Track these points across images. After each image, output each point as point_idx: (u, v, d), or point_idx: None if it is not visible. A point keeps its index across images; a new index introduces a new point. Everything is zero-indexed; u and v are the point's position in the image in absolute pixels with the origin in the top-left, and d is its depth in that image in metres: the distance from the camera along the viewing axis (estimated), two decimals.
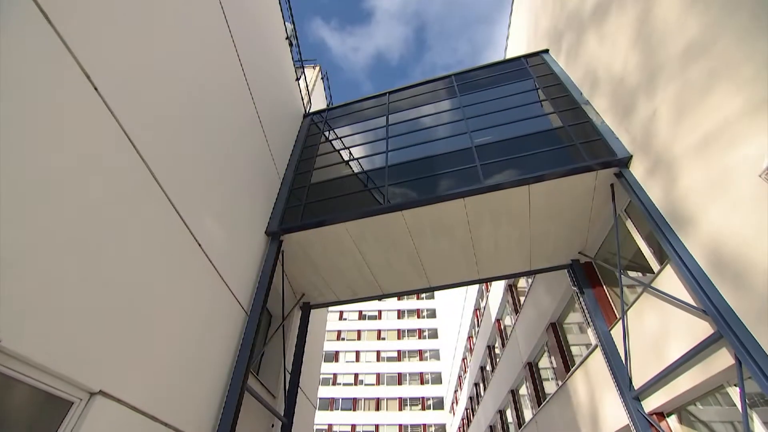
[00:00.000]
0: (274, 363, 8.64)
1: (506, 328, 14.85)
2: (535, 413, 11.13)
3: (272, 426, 8.01)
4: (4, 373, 2.81)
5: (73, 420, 3.29)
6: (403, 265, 8.42)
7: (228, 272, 5.96)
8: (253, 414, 7.17)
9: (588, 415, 7.82)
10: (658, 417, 5.87)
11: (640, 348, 6.12)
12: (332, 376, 45.29)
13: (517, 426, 13.28)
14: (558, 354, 9.37)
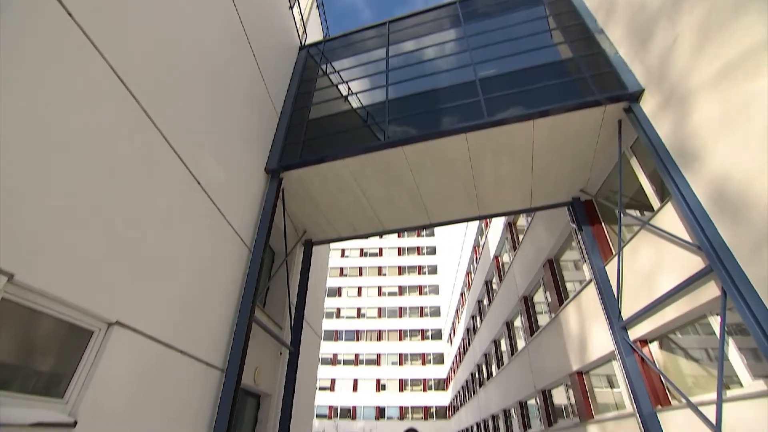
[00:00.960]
0: (280, 297, 9.07)
1: (504, 264, 15.34)
2: (527, 343, 11.89)
3: (280, 354, 8.61)
4: (24, 305, 2.98)
5: (95, 348, 3.54)
6: (404, 201, 8.50)
7: (229, 210, 6.05)
8: (262, 343, 7.68)
9: (577, 343, 8.36)
10: (641, 344, 6.29)
11: (632, 282, 6.38)
12: (336, 310, 47.78)
13: (510, 354, 14.24)
14: (553, 288, 9.78)
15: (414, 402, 41.52)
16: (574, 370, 8.51)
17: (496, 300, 16.04)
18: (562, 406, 10.01)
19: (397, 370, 43.81)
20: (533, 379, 11.34)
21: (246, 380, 6.82)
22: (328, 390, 43.11)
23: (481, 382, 20.69)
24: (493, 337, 16.63)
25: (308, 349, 10.28)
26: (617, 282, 6.71)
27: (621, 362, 6.39)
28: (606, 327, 6.98)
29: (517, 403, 13.28)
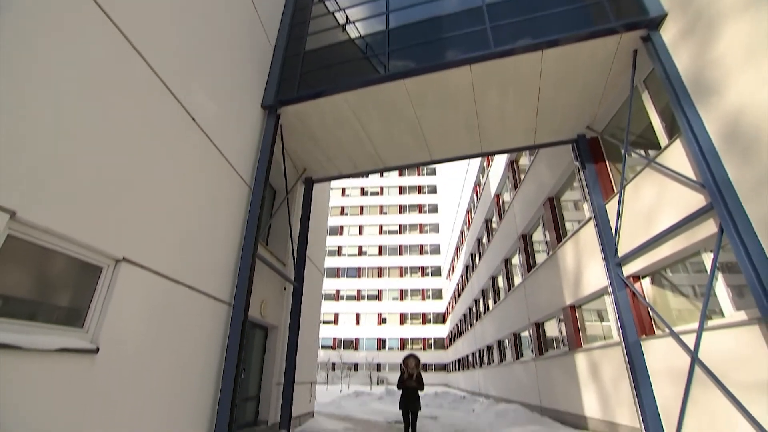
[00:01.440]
0: (282, 234, 9.28)
1: (504, 203, 15.45)
2: (524, 279, 12.34)
3: (284, 289, 9.00)
4: (32, 242, 3.06)
5: (106, 282, 3.71)
6: (405, 137, 8.36)
7: (227, 148, 5.98)
8: (266, 279, 7.99)
9: (572, 278, 8.69)
10: (634, 279, 6.54)
11: (631, 220, 6.48)
12: (338, 248, 49.03)
13: (506, 290, 14.85)
14: (552, 227, 9.94)
15: (414, 334, 44.14)
16: (567, 304, 8.93)
17: (495, 238, 16.38)
18: (553, 338, 10.65)
19: (397, 304, 46.01)
20: (528, 312, 11.93)
21: (253, 313, 7.20)
22: (332, 323, 45.59)
23: (477, 316, 21.80)
24: (491, 274, 17.23)
25: (311, 285, 10.71)
26: (616, 220, 6.80)
27: (613, 296, 6.69)
28: (601, 263, 7.21)
29: (512, 334, 14.10)
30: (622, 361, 6.68)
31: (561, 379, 9.43)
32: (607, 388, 7.22)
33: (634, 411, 6.28)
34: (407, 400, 6.82)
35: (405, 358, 6.92)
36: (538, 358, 11.14)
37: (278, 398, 8.25)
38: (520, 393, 12.76)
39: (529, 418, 9.76)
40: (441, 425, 10.70)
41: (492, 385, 17.68)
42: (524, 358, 12.90)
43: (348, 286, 47.22)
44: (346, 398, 18.14)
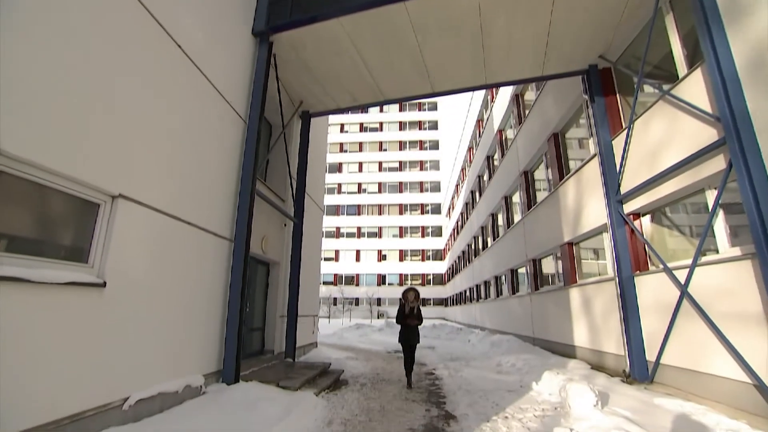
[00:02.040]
0: (280, 171, 9.22)
1: (507, 139, 15.18)
2: (524, 216, 12.48)
3: (284, 225, 9.13)
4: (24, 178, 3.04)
5: (105, 219, 3.74)
6: (406, 67, 7.98)
7: (219, 80, 5.73)
8: (266, 215, 8.07)
9: (572, 215, 8.78)
10: (633, 217, 6.62)
11: (637, 157, 6.40)
12: (337, 186, 49.05)
13: (506, 227, 15.09)
14: (555, 163, 9.85)
15: (413, 270, 45.66)
16: (565, 241, 9.12)
17: (497, 175, 16.32)
18: (549, 274, 11.03)
19: (397, 241, 47.04)
20: (526, 249, 12.23)
21: (254, 249, 7.37)
22: (333, 260, 46.96)
23: (476, 253, 22.38)
24: (491, 211, 17.40)
25: (312, 222, 10.86)
26: (622, 156, 6.72)
27: (611, 233, 6.82)
28: (602, 201, 7.24)
29: (509, 270, 14.58)
30: (613, 296, 6.97)
31: (554, 313, 9.92)
32: (597, 321, 7.62)
33: (620, 340, 6.68)
34: (407, 334, 6.88)
35: (405, 291, 6.96)
36: (533, 293, 11.62)
37: (282, 330, 8.72)
38: (515, 325, 13.48)
39: (522, 347, 10.41)
40: (438, 354, 11.45)
41: (488, 319, 18.63)
42: (520, 293, 13.45)
43: (348, 223, 47.94)
44: (347, 330, 19.21)
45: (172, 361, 4.53)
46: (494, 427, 4.35)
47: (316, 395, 5.69)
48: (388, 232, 47.64)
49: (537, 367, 7.38)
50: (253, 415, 4.20)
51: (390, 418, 4.83)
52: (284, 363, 7.97)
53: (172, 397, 4.38)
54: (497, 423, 4.51)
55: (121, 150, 3.84)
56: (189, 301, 4.92)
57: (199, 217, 5.14)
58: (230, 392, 4.94)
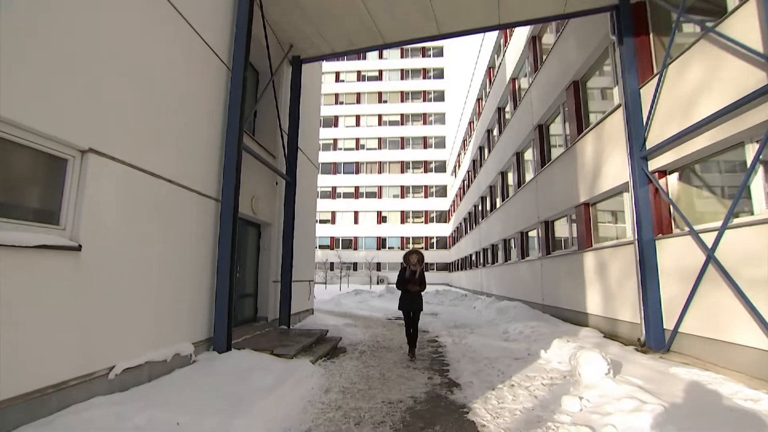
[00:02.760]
0: (270, 125, 9.00)
1: (521, 89, 14.76)
2: (536, 174, 12.35)
3: (276, 184, 9.04)
4: None
5: (75, 176, 3.63)
6: (408, 5, 7.58)
7: (198, 20, 5.42)
8: (256, 173, 7.96)
9: (590, 174, 8.66)
10: (659, 174, 6.50)
11: (667, 107, 6.19)
12: (333, 141, 48.41)
13: (516, 186, 14.99)
14: (573, 116, 9.61)
15: (415, 233, 46.01)
16: (581, 202, 9.05)
17: (508, 129, 16.04)
18: (562, 238, 11.06)
19: (398, 202, 47.10)
20: (537, 210, 12.19)
21: (244, 210, 7.32)
22: (329, 223, 47.22)
23: (483, 214, 22.42)
24: (501, 169, 17.26)
25: (306, 180, 10.77)
26: (650, 107, 6.51)
27: (633, 193, 6.73)
28: (625, 157, 7.10)
29: (519, 233, 14.63)
30: (631, 261, 6.99)
31: (566, 279, 10.02)
32: (612, 287, 7.69)
33: (636, 308, 6.76)
34: (408, 300, 6.76)
35: (407, 253, 6.89)
36: (544, 257, 11.70)
37: (276, 296, 8.84)
38: (523, 292, 13.70)
39: (530, 314, 10.62)
40: (441, 321, 11.70)
41: (495, 284, 18.94)
42: (530, 257, 13.56)
43: (345, 182, 47.78)
44: (345, 296, 19.59)
45: (159, 329, 4.59)
46: (500, 395, 4.46)
47: (313, 363, 5.82)
48: (389, 192, 47.59)
49: (546, 335, 7.54)
50: (246, 384, 4.29)
51: (390, 386, 4.95)
52: (278, 330, 8.13)
53: (160, 366, 4.46)
54: (503, 391, 4.62)
55: (89, 100, 3.67)
56: (175, 265, 4.91)
57: (181, 174, 5.03)
58: (222, 361, 5.04)
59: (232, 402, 3.73)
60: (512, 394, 4.48)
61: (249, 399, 3.82)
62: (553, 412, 3.85)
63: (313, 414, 3.90)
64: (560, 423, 3.57)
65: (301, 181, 9.78)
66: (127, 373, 3.96)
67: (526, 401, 4.24)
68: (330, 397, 4.43)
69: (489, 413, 3.93)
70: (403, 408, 4.15)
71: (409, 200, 47.20)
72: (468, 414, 3.95)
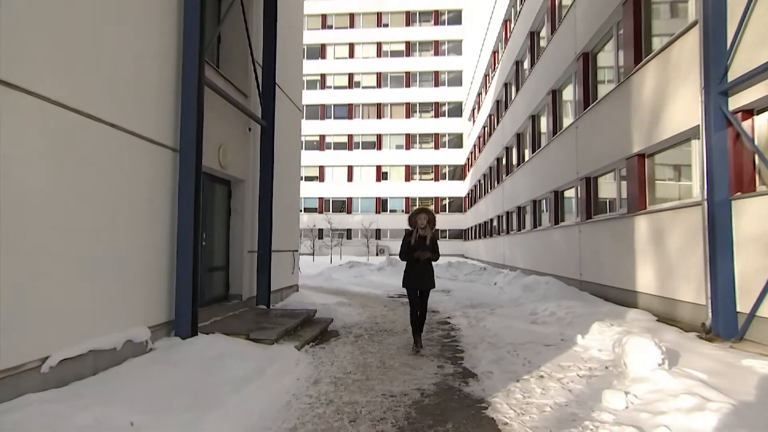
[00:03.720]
0: (239, 54, 8.75)
1: (561, 6, 14.31)
2: (577, 117, 12.13)
3: (249, 130, 8.88)
4: None
5: None
6: None
7: None
8: (223, 117, 7.79)
9: (647, 116, 8.47)
10: (743, 115, 6.30)
11: (764, 24, 5.88)
12: (319, 78, 47.52)
13: (551, 133, 14.79)
14: (630, 39, 9.30)
15: (423, 193, 45.97)
16: (634, 152, 8.91)
17: (543, 60, 15.70)
18: (607, 199, 10.99)
19: (402, 155, 46.83)
20: (577, 164, 12.06)
21: (209, 163, 7.20)
22: (317, 180, 47.16)
23: (508, 170, 22.28)
24: (531, 112, 17.05)
25: (286, 126, 10.60)
26: (738, 24, 6.18)
27: (705, 139, 6.56)
28: (697, 93, 6.88)
29: (552, 193, 14.55)
30: (697, 227, 6.92)
31: (611, 249, 10.02)
32: (671, 260, 7.68)
33: (700, 286, 6.75)
34: (415, 274, 6.43)
35: (413, 212, 6.67)
36: (583, 222, 11.66)
37: (252, 269, 8.89)
38: (556, 264, 13.77)
39: (564, 292, 10.69)
40: (455, 299, 11.82)
41: (520, 256, 19.03)
42: (565, 222, 13.55)
43: (336, 130, 47.33)
44: (337, 270, 19.78)
45: (104, 311, 4.58)
46: (526, 388, 4.51)
47: (298, 349, 5.88)
48: (390, 141, 47.22)
49: (584, 317, 7.60)
50: (217, 376, 4.33)
51: (392, 376, 5.02)
52: (256, 311, 8.21)
53: (108, 356, 4.48)
54: (529, 383, 4.67)
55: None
56: (122, 231, 4.86)
57: (126, 116, 4.88)
58: (186, 348, 5.08)
59: (200, 397, 3.75)
60: (541, 387, 4.53)
61: (220, 393, 3.86)
62: (592, 409, 3.88)
63: (298, 410, 3.94)
64: (600, 422, 3.60)
65: (280, 126, 9.61)
66: (65, 365, 3.97)
67: (559, 396, 4.28)
68: (319, 390, 4.49)
69: (512, 409, 3.97)
70: (408, 402, 4.21)
71: (416, 152, 46.89)
72: (486, 410, 4.00)
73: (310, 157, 45.23)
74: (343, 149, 47.51)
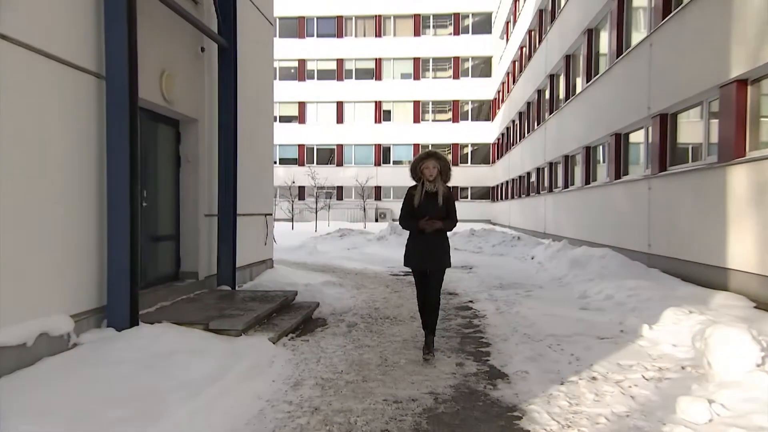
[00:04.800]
0: None
1: None
2: (652, 30, 11.90)
3: (202, 51, 8.72)
4: None
5: None
6: None
7: None
8: (167, 31, 7.64)
9: (756, 23, 8.24)
10: None
11: None
12: None
13: (614, 54, 14.55)
14: None
15: (437, 138, 45.65)
16: (732, 77, 8.73)
17: None
18: (689, 144, 10.98)
19: (409, 86, 46.36)
20: (648, 96, 11.88)
21: (148, 94, 7.06)
22: (295, 121, 46.83)
23: (552, 106, 22.14)
24: (587, 25, 16.90)
25: (253, 46, 10.49)
26: None
27: None
28: None
29: (612, 136, 14.41)
30: None
31: (693, 211, 9.98)
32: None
33: None
34: (423, 248, 5.85)
35: (418, 158, 5.97)
36: (655, 176, 11.56)
37: (211, 239, 8.91)
38: (616, 232, 13.79)
39: (627, 268, 10.69)
40: (479, 278, 11.87)
41: (567, 221, 19.03)
42: (630, 176, 13.47)
43: (320, 52, 46.82)
44: (324, 240, 19.87)
45: (7, 294, 4.53)
46: (573, 393, 4.52)
47: (274, 342, 5.91)
48: (394, 68, 46.76)
49: (653, 302, 7.61)
50: (164, 378, 4.33)
51: (397, 377, 5.03)
52: (217, 293, 8.27)
53: (15, 354, 4.43)
54: (578, 387, 4.68)
55: None
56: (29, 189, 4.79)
57: (16, 24, 4.73)
58: (122, 342, 5.08)
59: (141, 407, 3.75)
60: (594, 392, 4.54)
61: (168, 401, 3.86)
62: (662, 421, 3.89)
63: (274, 421, 3.97)
64: None
65: (245, 46, 9.52)
66: None
67: (617, 403, 4.30)
68: (302, 395, 4.50)
69: (555, 420, 3.99)
70: (418, 410, 4.23)
71: (428, 83, 46.44)
72: (521, 420, 4.02)
73: (286, 89, 44.69)
74: (330, 79, 47.01)
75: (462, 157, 45.94)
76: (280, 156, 45.45)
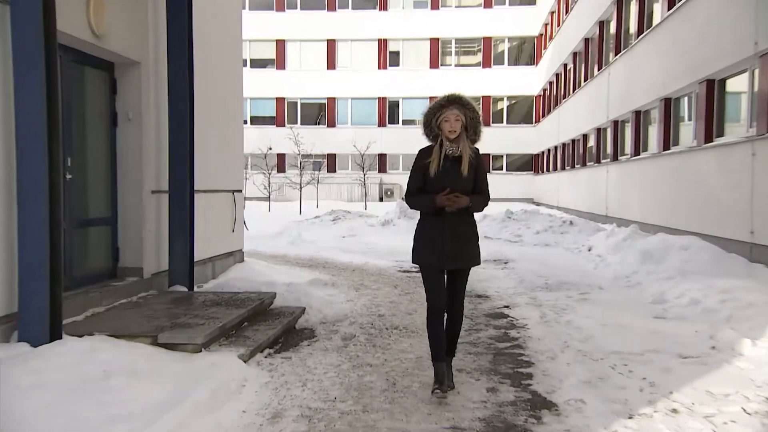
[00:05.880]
0: None
1: None
2: None
3: None
4: None
5: None
6: None
7: None
8: None
9: None
10: None
11: None
12: None
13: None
14: None
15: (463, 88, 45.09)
16: None
17: None
18: None
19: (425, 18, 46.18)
20: (755, 28, 11.76)
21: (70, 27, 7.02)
22: (272, 66, 46.74)
23: (619, 45, 22.04)
24: None
25: None
26: None
27: None
28: None
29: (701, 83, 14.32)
30: None
31: None
32: None
33: None
34: (440, 238, 5.34)
35: (435, 104, 5.51)
36: (761, 137, 11.48)
37: (161, 224, 8.94)
38: (704, 215, 13.84)
39: (719, 264, 10.66)
40: (518, 277, 11.88)
41: (637, 199, 19.01)
42: (725, 138, 13.39)
43: None
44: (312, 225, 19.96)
45: None
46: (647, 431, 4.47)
47: (245, 360, 5.92)
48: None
49: (756, 308, 7.62)
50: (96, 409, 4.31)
51: (408, 407, 5.03)
52: (169, 295, 8.31)
53: None
54: (653, 422, 4.65)
55: None
56: None
57: None
58: (39, 362, 5.03)
59: None
60: (675, 430, 4.50)
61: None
62: None
63: None
64: None
65: None
66: None
67: None
68: (282, 430, 4.50)
69: None
70: None
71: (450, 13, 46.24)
72: None
73: (260, 22, 44.58)
74: (319, 8, 46.88)
75: (495, 114, 45.95)
76: (252, 113, 45.55)
